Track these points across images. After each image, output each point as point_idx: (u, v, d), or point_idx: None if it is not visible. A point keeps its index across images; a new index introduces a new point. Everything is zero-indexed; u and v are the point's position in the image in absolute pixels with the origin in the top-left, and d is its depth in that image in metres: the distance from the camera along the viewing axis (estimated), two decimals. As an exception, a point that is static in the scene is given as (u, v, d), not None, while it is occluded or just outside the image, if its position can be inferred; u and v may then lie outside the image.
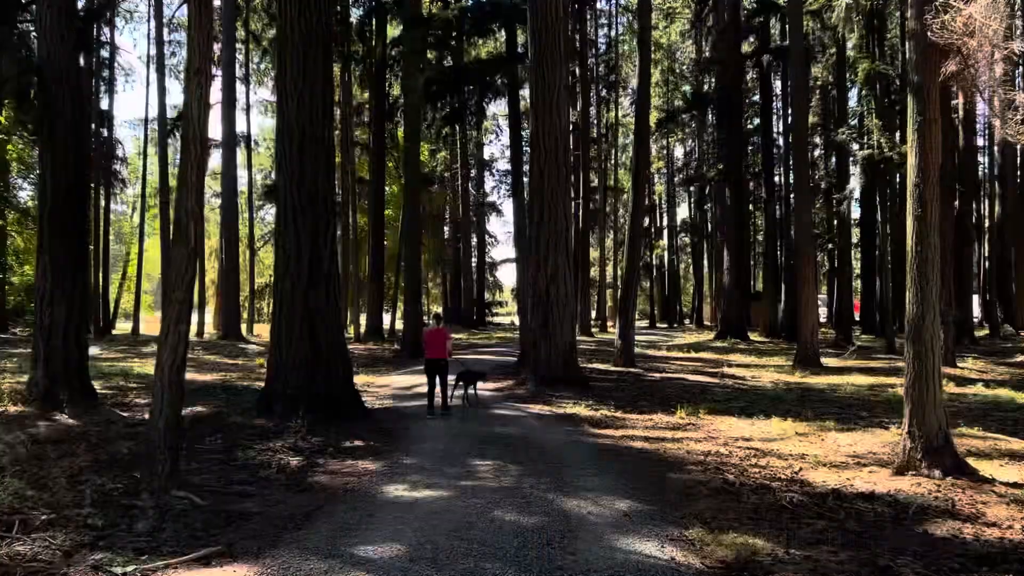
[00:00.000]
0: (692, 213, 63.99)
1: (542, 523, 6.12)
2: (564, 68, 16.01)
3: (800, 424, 11.51)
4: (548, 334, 15.95)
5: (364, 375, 19.18)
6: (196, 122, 6.83)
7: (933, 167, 8.00)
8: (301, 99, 11.45)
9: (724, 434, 10.79)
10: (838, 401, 14.49)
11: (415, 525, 6.03)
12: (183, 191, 6.81)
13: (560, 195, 16.08)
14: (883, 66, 28.16)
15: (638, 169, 21.34)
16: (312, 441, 9.59)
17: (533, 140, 16.23)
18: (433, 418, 11.93)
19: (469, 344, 33.87)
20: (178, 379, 6.81)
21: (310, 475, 7.93)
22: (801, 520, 6.44)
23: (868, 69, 27.92)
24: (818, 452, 9.43)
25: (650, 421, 11.92)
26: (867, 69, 27.97)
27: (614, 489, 7.33)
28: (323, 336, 11.36)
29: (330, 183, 11.78)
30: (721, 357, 25.67)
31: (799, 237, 22.42)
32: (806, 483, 7.79)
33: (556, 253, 16.04)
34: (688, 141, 63.78)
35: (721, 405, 13.62)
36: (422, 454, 8.96)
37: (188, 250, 6.79)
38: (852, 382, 17.68)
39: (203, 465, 8.21)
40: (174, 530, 5.94)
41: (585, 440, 10.09)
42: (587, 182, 45.71)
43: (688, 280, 76.68)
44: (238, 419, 10.92)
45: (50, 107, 12.55)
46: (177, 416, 6.85)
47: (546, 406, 13.46)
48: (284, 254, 11.51)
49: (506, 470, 8.05)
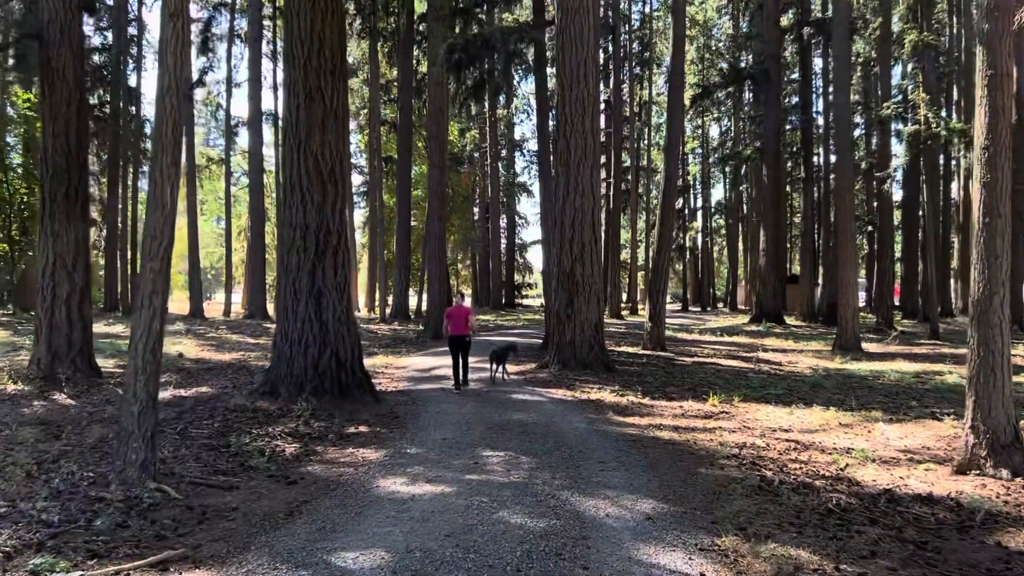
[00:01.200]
0: (727, 194, 62.55)
1: (552, 527, 5.35)
2: (594, 31, 15.06)
3: (844, 414, 10.62)
4: (573, 315, 15.14)
5: (384, 356, 18.57)
6: (172, 71, 6.11)
7: (1006, 127, 7.03)
8: (308, 61, 10.71)
9: (761, 424, 9.94)
10: (883, 389, 13.53)
11: (407, 527, 5.30)
12: (157, 148, 6.11)
13: (587, 168, 15.18)
14: (931, 37, 26.70)
15: (671, 143, 20.32)
16: (314, 426, 8.93)
17: (559, 109, 15.31)
18: (458, 392, 12.40)
19: (496, 326, 33.18)
20: (153, 359, 6.14)
21: (304, 464, 7.25)
22: (851, 527, 5.61)
23: (916, 41, 26.49)
24: (865, 446, 8.55)
25: (680, 409, 11.09)
26: (914, 41, 26.53)
27: (637, 486, 6.55)
28: (331, 314, 10.66)
29: (340, 153, 11.03)
30: (756, 341, 24.70)
31: (841, 216, 21.30)
32: (854, 482, 6.94)
33: (582, 230, 15.19)
34: (724, 120, 62.31)
35: (757, 392, 12.75)
36: (428, 443, 8.22)
37: (163, 215, 6.09)
38: (897, 369, 16.68)
39: (191, 451, 7.57)
40: (139, 528, 5.28)
41: (608, 429, 9.29)
42: (619, 162, 44.58)
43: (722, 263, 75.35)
44: (241, 401, 10.30)
45: (50, 66, 11.99)
46: (153, 399, 6.18)
47: (568, 391, 12.68)
48: (290, 227, 10.82)
49: (518, 463, 7.28)
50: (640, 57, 52.52)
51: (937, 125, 26.92)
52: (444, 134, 25.24)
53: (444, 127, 25.78)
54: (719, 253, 75.00)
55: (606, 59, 46.04)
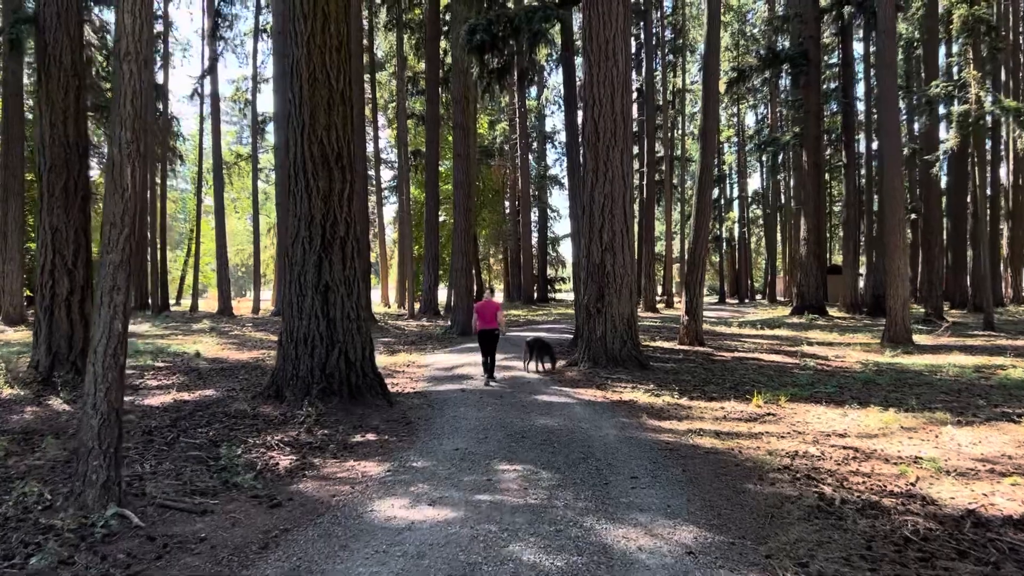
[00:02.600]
0: (764, 183, 60.96)
1: (573, 567, 4.43)
2: (623, 4, 14.03)
3: (904, 415, 9.56)
4: (603, 309, 14.19)
5: (407, 353, 17.80)
6: (131, 35, 5.31)
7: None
8: (312, 38, 9.88)
9: (812, 428, 8.93)
10: (943, 385, 12.38)
11: (398, 565, 4.42)
12: (116, 123, 5.31)
13: (617, 152, 14.19)
14: (983, 10, 25.19)
15: (706, 127, 19.21)
16: (316, 434, 8.12)
17: (587, 89, 14.31)
18: (486, 387, 12.41)
19: (527, 320, 32.28)
20: (115, 364, 5.35)
21: (296, 481, 6.42)
22: (936, 561, 4.63)
23: (966, 15, 25.00)
24: (935, 453, 7.52)
25: (721, 410, 10.11)
26: (964, 15, 25.05)
27: (675, 508, 5.61)
28: (339, 311, 9.84)
29: (348, 137, 10.19)
30: (799, 334, 23.52)
31: (889, 202, 20.02)
32: (929, 500, 5.94)
33: (613, 219, 14.22)
34: (760, 108, 60.69)
35: (804, 391, 11.70)
36: (439, 454, 7.33)
37: (123, 199, 5.29)
38: (954, 362, 15.48)
39: (175, 465, 6.80)
40: (85, 565, 4.48)
41: (642, 436, 8.34)
42: (652, 151, 43.35)
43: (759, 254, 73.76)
44: (243, 406, 9.53)
45: (46, 52, 11.35)
46: (117, 410, 5.39)
47: (599, 391, 11.74)
48: (294, 217, 10.01)
49: (537, 479, 6.36)
50: (673, 44, 51.20)
51: (991, 104, 25.44)
52: (469, 122, 24.37)
53: (470, 115, 24.92)
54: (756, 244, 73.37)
55: (637, 47, 44.87)
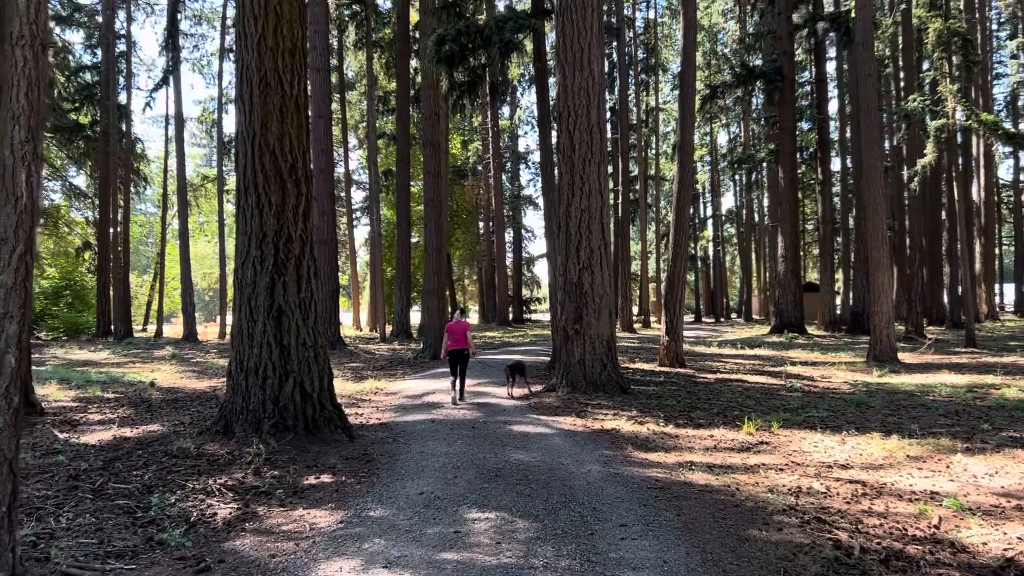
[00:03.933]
0: (738, 201, 60.89)
1: (556, 649, 3.63)
2: (597, 12, 13.41)
3: (908, 442, 8.87)
4: (582, 330, 13.43)
5: (375, 380, 16.89)
6: (25, 15, 4.49)
7: None
8: (263, 40, 9.09)
9: (811, 458, 8.20)
10: (939, 407, 11.75)
11: (340, 656, 3.60)
12: (7, 120, 4.47)
13: (594, 166, 13.49)
14: (958, 24, 25.01)
15: (683, 140, 18.63)
16: (265, 476, 7.23)
17: (561, 101, 13.62)
18: (454, 406, 12.42)
19: (503, 342, 31.44)
20: (8, 406, 4.47)
21: (233, 536, 5.53)
22: (985, 629, 3.89)
23: (940, 29, 24.79)
24: (951, 488, 6.81)
25: (711, 439, 9.36)
26: (939, 29, 24.83)
27: (673, 566, 4.79)
28: (293, 337, 8.97)
29: (302, 147, 9.38)
30: (780, 354, 22.95)
31: (871, 216, 19.55)
32: (959, 546, 5.21)
33: (590, 235, 13.50)
34: (732, 127, 60.71)
35: (796, 415, 11.00)
36: (400, 500, 6.45)
37: (17, 209, 4.45)
38: (945, 382, 14.93)
39: (98, 518, 5.89)
40: (-51, 661, 3.60)
41: (628, 472, 7.53)
42: (626, 170, 42.90)
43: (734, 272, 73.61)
44: (187, 444, 8.60)
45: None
46: (11, 461, 4.50)
47: (579, 419, 10.94)
48: (244, 235, 9.15)
49: (513, 530, 5.51)
50: (646, 63, 51.08)
51: (967, 118, 25.22)
52: (440, 139, 23.63)
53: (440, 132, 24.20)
54: (731, 263, 73.27)
55: (610, 66, 44.51)
